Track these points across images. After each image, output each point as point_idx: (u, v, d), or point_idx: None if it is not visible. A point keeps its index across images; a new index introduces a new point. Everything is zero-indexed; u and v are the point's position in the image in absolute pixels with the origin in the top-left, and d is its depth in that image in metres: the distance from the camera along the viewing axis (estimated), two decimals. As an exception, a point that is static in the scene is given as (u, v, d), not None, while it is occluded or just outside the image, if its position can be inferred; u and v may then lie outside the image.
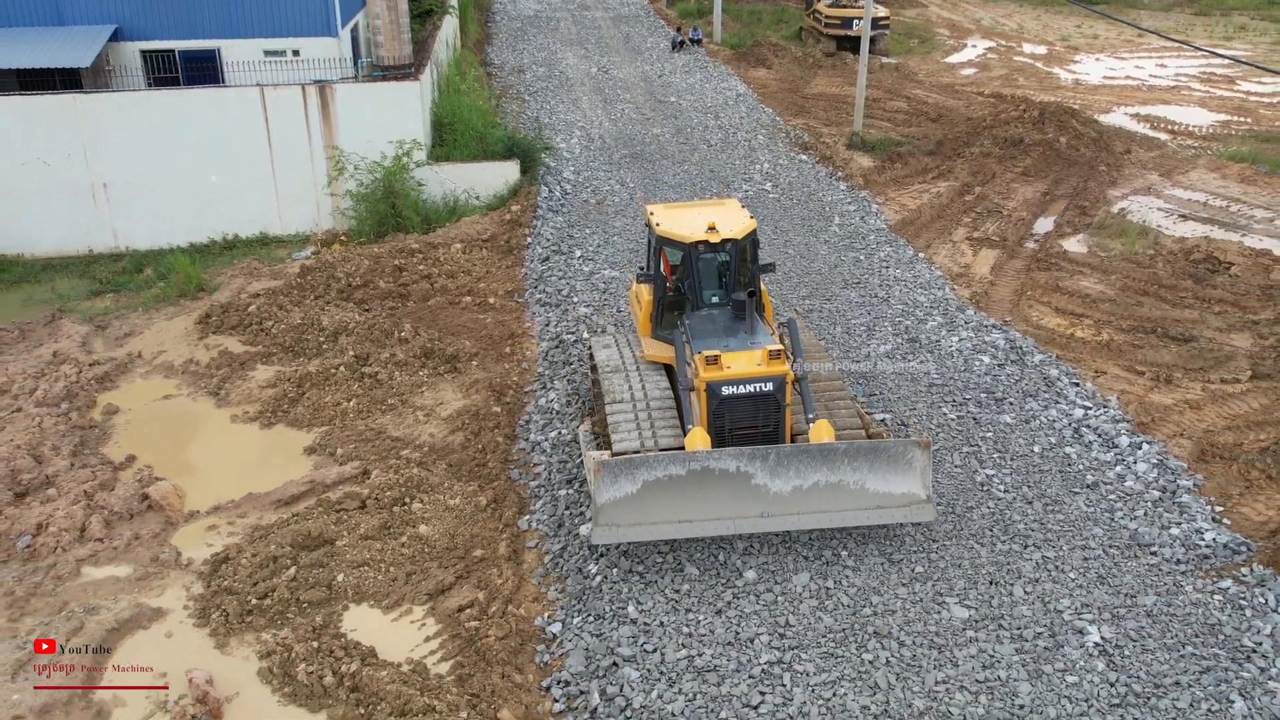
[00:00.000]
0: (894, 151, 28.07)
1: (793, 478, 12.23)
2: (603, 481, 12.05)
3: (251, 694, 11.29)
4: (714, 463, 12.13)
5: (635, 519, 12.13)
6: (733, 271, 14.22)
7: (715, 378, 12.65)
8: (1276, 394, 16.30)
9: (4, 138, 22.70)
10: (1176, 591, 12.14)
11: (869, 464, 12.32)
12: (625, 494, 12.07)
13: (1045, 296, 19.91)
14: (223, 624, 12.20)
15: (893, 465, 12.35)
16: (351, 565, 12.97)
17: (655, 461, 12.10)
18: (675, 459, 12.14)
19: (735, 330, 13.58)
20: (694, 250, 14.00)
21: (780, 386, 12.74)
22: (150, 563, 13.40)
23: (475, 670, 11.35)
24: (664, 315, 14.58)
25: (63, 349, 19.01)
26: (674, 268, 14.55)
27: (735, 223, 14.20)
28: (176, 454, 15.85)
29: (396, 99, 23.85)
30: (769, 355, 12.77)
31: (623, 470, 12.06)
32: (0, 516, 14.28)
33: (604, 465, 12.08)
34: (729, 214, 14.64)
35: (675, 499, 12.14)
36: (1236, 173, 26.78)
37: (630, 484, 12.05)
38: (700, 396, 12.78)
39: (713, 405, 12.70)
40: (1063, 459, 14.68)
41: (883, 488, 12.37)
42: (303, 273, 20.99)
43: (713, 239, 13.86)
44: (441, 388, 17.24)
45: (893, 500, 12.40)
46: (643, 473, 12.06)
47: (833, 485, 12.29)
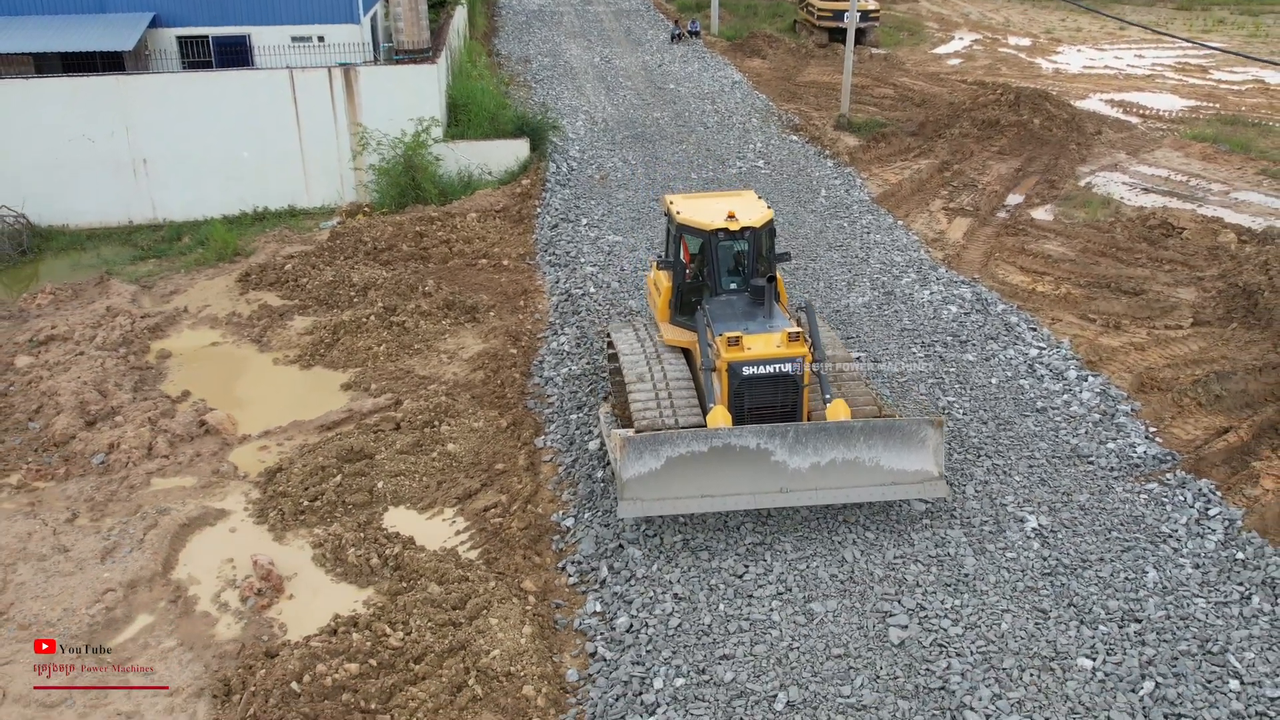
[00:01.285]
0: (879, 132, 29.93)
1: (811, 455, 12.60)
2: (628, 458, 12.35)
3: (308, 574, 13.13)
4: (735, 440, 12.50)
5: (659, 494, 12.49)
6: (750, 259, 14.55)
7: (737, 358, 13.03)
8: (1214, 338, 18.14)
9: (52, 116, 24.54)
10: (1107, 491, 14.00)
11: (884, 442, 12.70)
12: (649, 470, 12.42)
13: (1012, 258, 21.77)
14: (279, 521, 14.05)
15: (907, 443, 12.74)
16: (389, 475, 14.81)
17: (678, 438, 12.44)
18: (697, 436, 12.50)
19: (754, 314, 13.95)
20: (713, 238, 14.32)
21: (799, 367, 13.14)
22: (211, 475, 15.26)
23: (500, 554, 13.20)
24: (683, 301, 14.94)
25: (115, 304, 20.84)
26: (693, 255, 14.83)
27: (753, 212, 14.62)
28: (226, 390, 17.69)
29: (416, 81, 25.72)
30: (788, 337, 13.14)
31: (647, 447, 12.40)
32: (75, 440, 16.14)
33: (629, 442, 12.39)
34: (747, 204, 15.04)
35: (697, 474, 12.49)
36: (1199, 151, 28.63)
37: (654, 460, 12.40)
38: (721, 376, 13.17)
39: (734, 385, 13.08)
40: (1016, 389, 16.54)
41: (897, 465, 12.76)
42: (332, 238, 22.86)
43: (732, 227, 14.20)
44: (462, 335, 19.09)
45: (906, 477, 12.80)
46: (666, 449, 12.41)
47: (849, 462, 12.67)
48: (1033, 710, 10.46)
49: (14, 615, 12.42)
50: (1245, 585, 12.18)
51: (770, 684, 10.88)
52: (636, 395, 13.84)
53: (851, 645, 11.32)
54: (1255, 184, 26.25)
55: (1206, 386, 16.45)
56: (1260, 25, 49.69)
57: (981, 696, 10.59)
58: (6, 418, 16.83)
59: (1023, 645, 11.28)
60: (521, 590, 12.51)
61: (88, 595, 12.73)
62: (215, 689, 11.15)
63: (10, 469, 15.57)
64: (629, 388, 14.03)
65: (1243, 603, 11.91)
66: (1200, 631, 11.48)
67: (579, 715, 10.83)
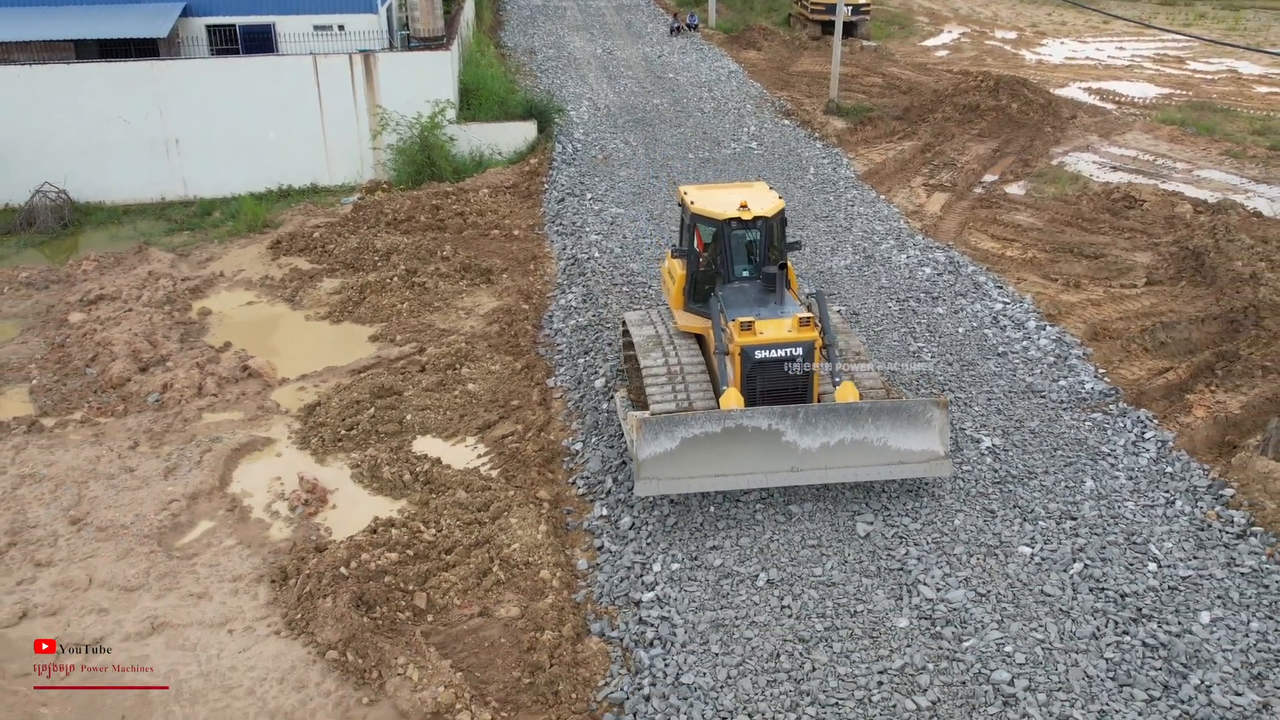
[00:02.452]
0: (866, 116, 31.69)
1: (820, 435, 12.98)
2: (644, 438, 12.73)
3: (347, 490, 14.88)
4: (747, 421, 12.85)
5: (674, 473, 12.86)
6: (762, 247, 14.89)
7: (749, 342, 13.40)
8: (1164, 295, 19.88)
9: (91, 99, 26.29)
10: (1056, 419, 15.75)
11: (891, 422, 13.08)
12: (665, 450, 12.78)
13: (984, 227, 23.52)
14: (320, 446, 15.80)
15: (913, 423, 13.15)
16: (417, 409, 16.56)
17: (693, 420, 12.81)
18: (711, 417, 12.84)
19: (766, 301, 14.30)
20: (726, 227, 14.65)
21: (809, 351, 13.56)
22: (256, 410, 17.01)
23: (517, 472, 14.94)
24: (697, 289, 15.27)
25: (156, 269, 22.57)
26: (706, 244, 15.17)
27: (765, 202, 14.96)
28: (264, 342, 19.43)
29: (431, 66, 27.49)
30: (799, 322, 13.54)
31: (663, 428, 12.77)
32: (131, 382, 17.89)
33: (645, 423, 12.77)
34: (759, 194, 15.35)
35: (711, 454, 12.84)
36: (1167, 134, 30.40)
37: (669, 441, 12.76)
38: (734, 360, 13.52)
39: (746, 368, 13.44)
40: (980, 337, 18.30)
41: (903, 444, 13.15)
42: (355, 210, 24.62)
43: (744, 216, 14.53)
44: (478, 294, 20.84)
45: (913, 456, 13.21)
46: (681, 430, 12.77)
47: (857, 442, 13.04)
48: (977, 585, 12.20)
49: (91, 520, 14.17)
50: (1170, 492, 13.93)
51: (753, 567, 12.63)
52: (652, 380, 14.31)
53: (824, 537, 13.06)
54: (1218, 163, 28.00)
55: (1153, 334, 18.21)
56: (1240, 19, 51.45)
57: (934, 575, 12.34)
58: (66, 365, 18.56)
59: (971, 537, 13.02)
60: (537, 498, 14.27)
61: (155, 505, 14.48)
62: (273, 575, 12.90)
63: (73, 407, 17.30)
64: (645, 376, 14.47)
65: (1167, 505, 13.66)
66: (1127, 527, 13.22)
67: (589, 594, 12.57)
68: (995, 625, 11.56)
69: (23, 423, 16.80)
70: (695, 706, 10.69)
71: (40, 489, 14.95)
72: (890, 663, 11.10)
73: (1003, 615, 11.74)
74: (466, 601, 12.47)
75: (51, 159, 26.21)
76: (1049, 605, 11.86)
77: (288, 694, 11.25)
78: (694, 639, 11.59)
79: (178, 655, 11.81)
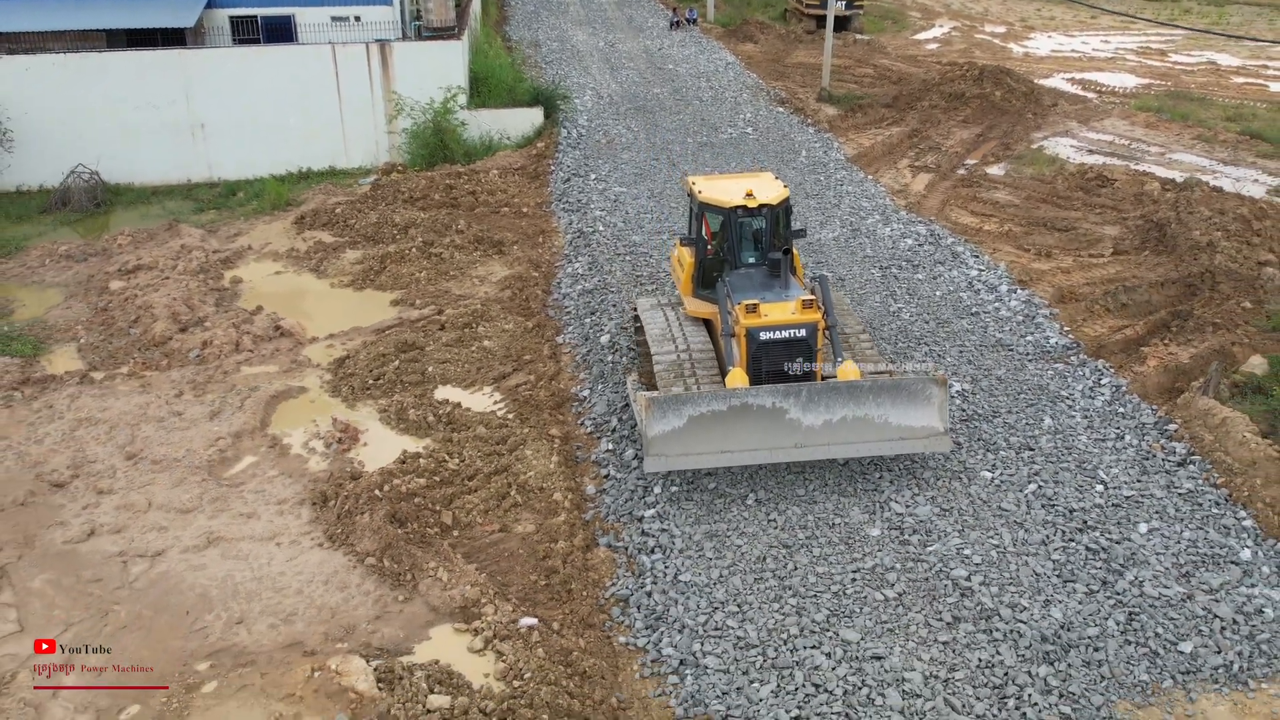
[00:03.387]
0: (856, 104, 33.22)
1: (823, 412, 13.42)
2: (653, 417, 13.23)
3: (376, 430, 16.38)
4: (752, 399, 13.33)
5: (682, 450, 13.36)
6: (768, 234, 15.38)
7: (754, 324, 13.91)
8: (1128, 263, 21.39)
9: (122, 85, 27.78)
10: (1021, 369, 17.27)
11: (891, 400, 13.51)
12: (673, 428, 13.29)
13: (964, 204, 25.04)
14: (350, 394, 17.31)
15: (913, 400, 13.57)
16: (437, 362, 18.07)
17: (699, 398, 13.32)
18: (718, 396, 13.38)
19: (771, 285, 14.78)
20: (733, 215, 15.18)
21: (812, 332, 14.06)
22: (290, 363, 18.53)
23: (531, 414, 16.46)
24: (705, 275, 15.80)
25: (187, 243, 24.08)
26: (714, 232, 15.68)
27: (770, 191, 15.42)
28: (293, 306, 20.91)
29: (443, 55, 29.01)
30: (802, 305, 14.01)
31: (670, 406, 13.25)
32: (172, 340, 19.40)
33: (653, 402, 13.27)
34: (764, 183, 15.83)
35: (717, 432, 13.33)
36: (1143, 120, 31.92)
37: (677, 419, 13.24)
38: (740, 341, 14.07)
39: (752, 349, 13.96)
40: (956, 299, 19.81)
41: (904, 421, 13.59)
42: (373, 189, 26.14)
43: (750, 204, 15.04)
44: (491, 264, 22.36)
45: (913, 432, 13.66)
46: (688, 408, 13.26)
47: (859, 419, 13.48)
48: (942, 503, 13.72)
49: (145, 455, 15.68)
50: (1120, 429, 15.46)
51: (743, 490, 14.14)
52: (661, 364, 14.92)
53: (807, 465, 14.57)
54: (1189, 147, 29.52)
55: (1115, 296, 19.73)
56: (1224, 15, 52.92)
57: (904, 495, 13.86)
58: (110, 326, 20.07)
59: (939, 464, 14.54)
60: (549, 435, 15.79)
61: (203, 442, 16.00)
62: (314, 498, 14.41)
63: (120, 362, 18.82)
64: (654, 358, 15.07)
65: (1117, 439, 15.19)
66: (1079, 457, 14.75)
67: (596, 513, 14.10)
68: (956, 534, 13.08)
69: (74, 376, 18.30)
70: (691, 599, 12.21)
71: (96, 430, 16.46)
72: (863, 564, 12.63)
73: (963, 526, 13.26)
74: (488, 520, 13.99)
75: (84, 142, 27.69)
76: (1005, 518, 13.37)
77: (332, 593, 12.77)
78: (690, 546, 13.11)
79: (232, 563, 13.33)
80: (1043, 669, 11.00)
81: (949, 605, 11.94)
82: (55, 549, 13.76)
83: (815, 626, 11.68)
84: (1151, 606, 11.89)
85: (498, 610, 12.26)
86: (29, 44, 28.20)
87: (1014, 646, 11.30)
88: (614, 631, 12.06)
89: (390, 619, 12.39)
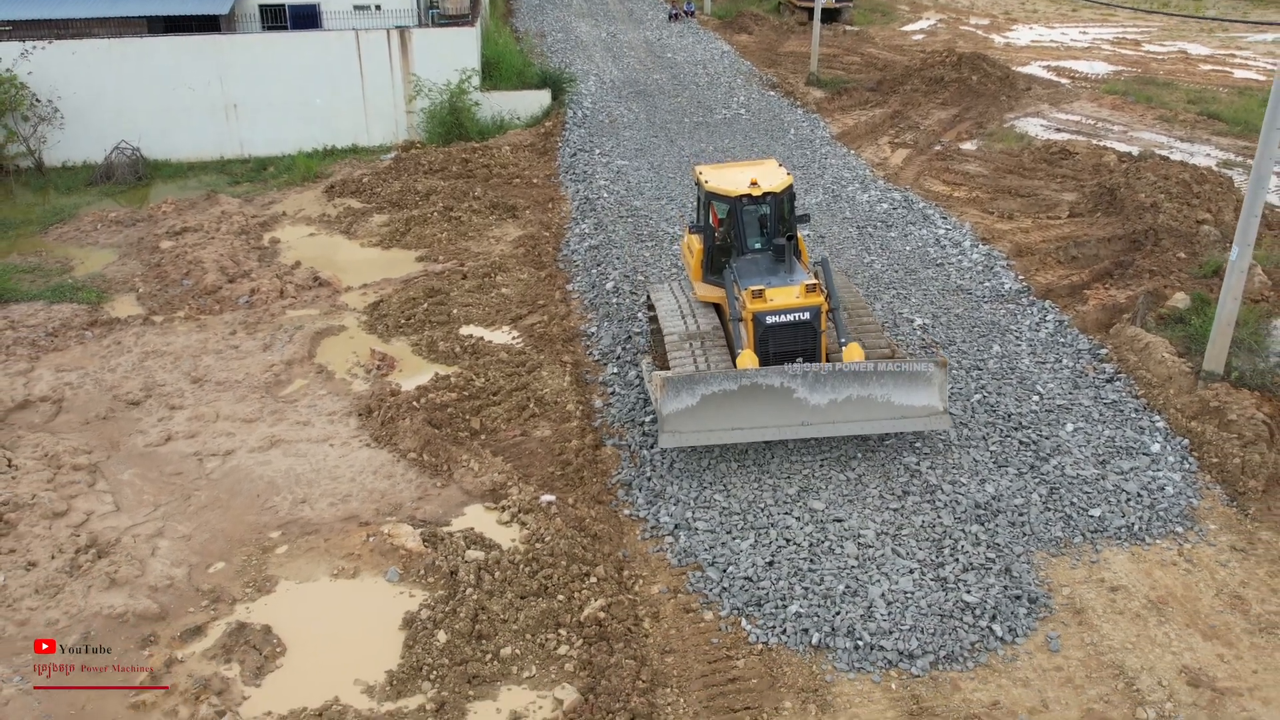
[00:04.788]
0: (842, 87, 35.53)
1: (829, 392, 13.92)
2: (667, 395, 13.78)
3: (409, 360, 18.67)
4: (761, 379, 13.84)
5: (695, 427, 13.93)
6: (772, 221, 15.79)
7: (761, 308, 14.34)
8: (1081, 223, 23.68)
9: (161, 69, 30.08)
10: (977, 308, 19.56)
11: (894, 380, 13.97)
12: (686, 406, 13.84)
13: (937, 175, 27.35)
14: (385, 330, 19.60)
15: (914, 381, 14.03)
16: (461, 305, 20.35)
17: (712, 378, 13.83)
18: (729, 376, 13.88)
19: (776, 270, 15.18)
20: (739, 203, 15.59)
21: (816, 315, 14.51)
22: (330, 307, 20.83)
23: (545, 346, 18.76)
24: (713, 261, 16.25)
25: (227, 209, 26.39)
26: (721, 220, 16.15)
27: (774, 178, 15.76)
28: (328, 262, 23.19)
29: (458, 40, 31.31)
30: (806, 289, 14.48)
31: (684, 386, 13.77)
32: (222, 290, 21.69)
33: (668, 381, 13.77)
34: (769, 171, 16.15)
35: (728, 410, 13.88)
36: (1110, 102, 34.22)
37: (690, 398, 13.81)
38: (748, 325, 14.52)
39: (759, 332, 14.39)
40: (924, 253, 22.12)
41: (906, 401, 14.07)
42: (395, 161, 28.45)
43: (755, 192, 15.42)
44: (506, 226, 24.66)
45: (914, 412, 14.12)
46: (701, 388, 13.78)
47: (863, 399, 13.98)
48: (900, 409, 16.00)
49: (209, 379, 17.97)
50: (1059, 354, 17.75)
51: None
52: (673, 343, 15.43)
53: (785, 381, 16.85)
54: (1150, 126, 31.82)
55: (1066, 250, 22.03)
56: (1200, 8, 55.18)
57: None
58: (164, 278, 22.36)
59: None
60: (562, 360, 18.09)
61: (259, 368, 18.30)
62: (359, 410, 16.72)
63: (176, 309, 21.11)
64: (667, 341, 15.58)
65: (1055, 362, 17.48)
66: (1021, 375, 17.04)
67: (604, 421, 16.39)
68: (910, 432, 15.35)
69: (137, 319, 20.61)
70: (684, 481, 14.49)
71: (163, 360, 18.76)
72: (829, 455, 14.91)
73: (916, 426, 15.55)
74: (510, 427, 16.28)
75: (126, 121, 30.00)
76: (952, 420, 15.64)
77: (380, 480, 15.07)
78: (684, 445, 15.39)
79: (293, 460, 15.62)
80: (974, 527, 13.30)
81: (900, 483, 14.23)
82: (138, 451, 16.06)
83: (787, 499, 13.97)
84: (1070, 484, 14.19)
85: (521, 491, 14.56)
86: (75, 30, 30.49)
87: (952, 512, 13.60)
88: (619, 507, 14.35)
89: (430, 500, 14.69)
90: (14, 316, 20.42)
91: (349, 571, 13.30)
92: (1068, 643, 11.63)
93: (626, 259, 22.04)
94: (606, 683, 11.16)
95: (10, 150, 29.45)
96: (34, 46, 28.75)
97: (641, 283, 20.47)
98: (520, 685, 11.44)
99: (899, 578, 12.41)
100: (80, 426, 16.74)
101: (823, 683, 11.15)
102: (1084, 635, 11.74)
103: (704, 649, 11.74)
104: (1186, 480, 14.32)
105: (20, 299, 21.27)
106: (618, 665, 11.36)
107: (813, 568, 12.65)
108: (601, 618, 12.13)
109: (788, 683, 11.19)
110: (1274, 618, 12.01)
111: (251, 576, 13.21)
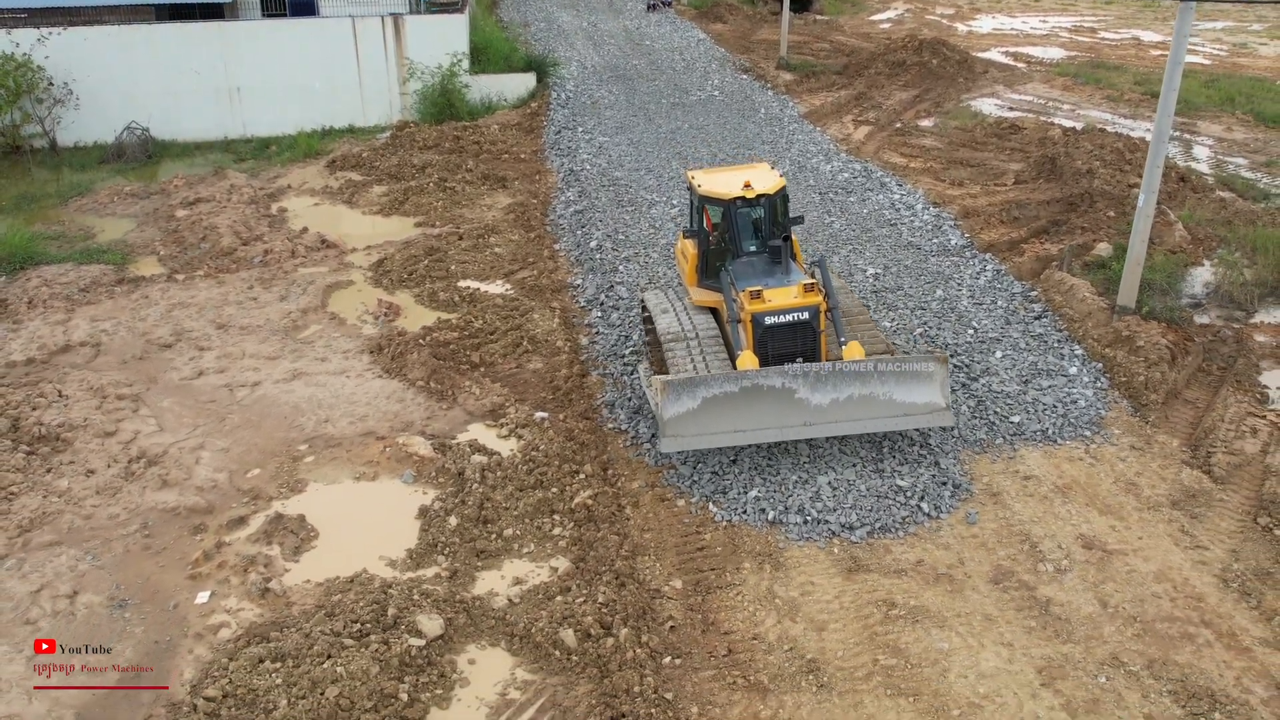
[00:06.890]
0: (810, 71, 37.71)
1: (830, 391, 13.84)
2: (667, 399, 13.63)
3: (412, 309, 20.66)
4: (762, 380, 13.75)
5: (696, 430, 13.76)
6: (767, 223, 15.78)
7: (759, 309, 14.29)
8: (1024, 190, 25.90)
9: (168, 54, 31.89)
10: (925, 259, 21.73)
11: (895, 378, 13.91)
12: (687, 409, 13.72)
13: (896, 149, 29.54)
14: (389, 284, 21.59)
15: (915, 378, 13.99)
16: (458, 262, 22.36)
17: (712, 381, 13.70)
18: (729, 378, 13.75)
19: (773, 271, 15.17)
20: (733, 206, 15.51)
21: (815, 315, 14.48)
22: (338, 265, 22.80)
23: (536, 295, 20.81)
24: (708, 265, 16.19)
25: (235, 183, 28.28)
26: (715, 223, 16.07)
27: (767, 181, 15.75)
28: (333, 228, 25.15)
29: (449, 26, 33.29)
30: (804, 289, 14.45)
31: (685, 389, 13.66)
32: (237, 251, 23.63)
33: (668, 385, 13.64)
34: (761, 174, 16.19)
35: (730, 412, 13.76)
36: (1061, 84, 36.52)
37: (691, 401, 13.67)
38: (746, 327, 14.46)
39: (758, 333, 14.34)
40: (880, 215, 24.28)
41: (907, 398, 14.02)
42: (392, 138, 30.43)
43: (748, 195, 15.40)
44: (497, 195, 26.68)
45: (916, 409, 14.06)
46: (702, 390, 13.67)
47: (864, 397, 13.91)
48: (851, 341, 18.15)
49: (233, 325, 19.93)
50: (995, 297, 19.93)
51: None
52: (672, 352, 15.26)
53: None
54: (1097, 105, 34.12)
55: (1009, 212, 24.25)
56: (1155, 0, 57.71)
57: (822, 337, 18.28)
58: (182, 242, 24.25)
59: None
60: (551, 306, 20.15)
61: (278, 315, 20.26)
62: (371, 349, 18.72)
63: (196, 268, 23.03)
64: (665, 346, 15.42)
65: (990, 304, 19.66)
66: (959, 314, 19.21)
67: (590, 355, 18.45)
68: (859, 358, 17.48)
69: (160, 277, 22.51)
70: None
71: (188, 310, 20.69)
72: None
73: (864, 353, 17.66)
74: (507, 360, 18.31)
75: (135, 103, 31.80)
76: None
77: (393, 404, 17.07)
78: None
79: (314, 389, 17.60)
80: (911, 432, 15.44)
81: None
82: (174, 384, 18.01)
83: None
84: (995, 398, 16.35)
85: (518, 410, 16.61)
86: (88, 17, 32.29)
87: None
88: (604, 423, 16.42)
89: (437, 419, 16.71)
90: (46, 276, 22.27)
91: (369, 475, 15.30)
92: (984, 517, 13.77)
93: (609, 221, 24.10)
94: (594, 553, 13.23)
95: (26, 131, 31.20)
96: (49, 33, 30.54)
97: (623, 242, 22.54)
98: (521, 559, 13.48)
99: (844, 470, 14.52)
100: (119, 366, 18.65)
101: (776, 549, 13.25)
102: (998, 512, 13.89)
103: (677, 527, 13.81)
104: (1098, 395, 16.50)
105: (50, 261, 23.12)
106: (604, 539, 13.44)
107: (770, 463, 14.75)
108: (589, 505, 14.19)
109: (747, 549, 13.28)
110: (1160, 499, 14.18)
111: (284, 480, 15.19)
